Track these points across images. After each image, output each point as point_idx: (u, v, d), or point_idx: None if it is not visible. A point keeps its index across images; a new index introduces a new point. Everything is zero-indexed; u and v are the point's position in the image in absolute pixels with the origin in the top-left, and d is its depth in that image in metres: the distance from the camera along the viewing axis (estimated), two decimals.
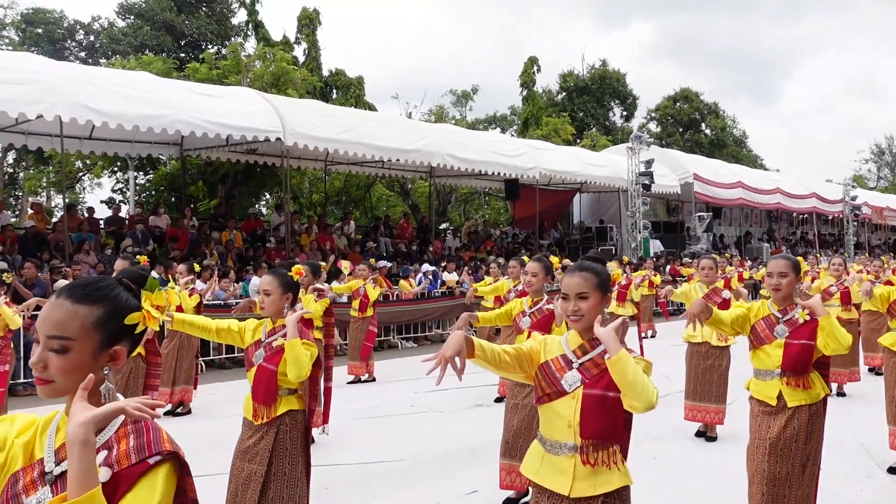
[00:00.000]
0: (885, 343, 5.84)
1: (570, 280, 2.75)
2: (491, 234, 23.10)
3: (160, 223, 15.82)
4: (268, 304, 4.05)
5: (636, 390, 2.47)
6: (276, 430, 3.85)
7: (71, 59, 27.73)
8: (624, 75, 41.23)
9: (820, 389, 4.01)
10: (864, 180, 57.83)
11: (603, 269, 2.79)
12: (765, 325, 4.08)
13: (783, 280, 4.03)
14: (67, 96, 11.11)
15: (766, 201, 29.10)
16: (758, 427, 4.02)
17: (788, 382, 3.96)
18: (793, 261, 4.08)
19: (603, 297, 2.76)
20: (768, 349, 4.04)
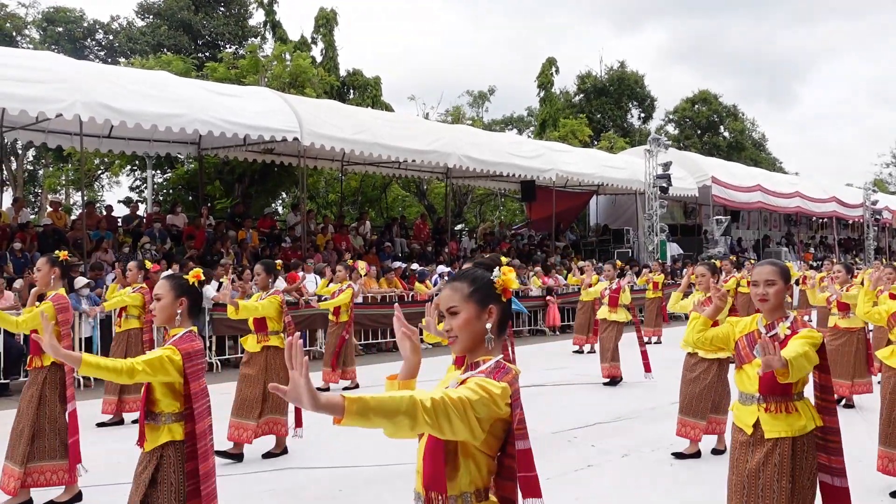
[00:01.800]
0: (882, 357, 5.54)
1: (442, 294, 2.31)
2: (507, 236, 23.05)
3: (177, 222, 15.90)
4: (158, 311, 3.62)
5: (392, 422, 1.90)
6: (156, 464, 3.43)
7: (91, 58, 27.97)
8: (642, 77, 41.01)
9: (807, 421, 3.42)
10: (885, 184, 57.22)
11: (482, 277, 2.30)
12: (747, 341, 3.61)
13: (770, 289, 3.54)
14: (87, 95, 11.19)
15: (786, 205, 28.81)
16: (736, 461, 3.56)
17: (768, 408, 3.45)
18: (781, 267, 3.60)
19: (482, 311, 2.25)
20: (748, 369, 3.56)
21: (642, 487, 5.67)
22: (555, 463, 6.30)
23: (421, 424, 1.91)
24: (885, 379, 5.51)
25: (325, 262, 15.32)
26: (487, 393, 2.04)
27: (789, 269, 3.67)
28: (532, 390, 9.67)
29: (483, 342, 2.25)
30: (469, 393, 2.02)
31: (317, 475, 5.91)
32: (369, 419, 1.86)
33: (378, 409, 1.86)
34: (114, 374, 3.22)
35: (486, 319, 2.26)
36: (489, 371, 2.15)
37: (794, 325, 3.49)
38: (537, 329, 16.93)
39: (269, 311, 6.40)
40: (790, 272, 3.62)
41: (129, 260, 13.13)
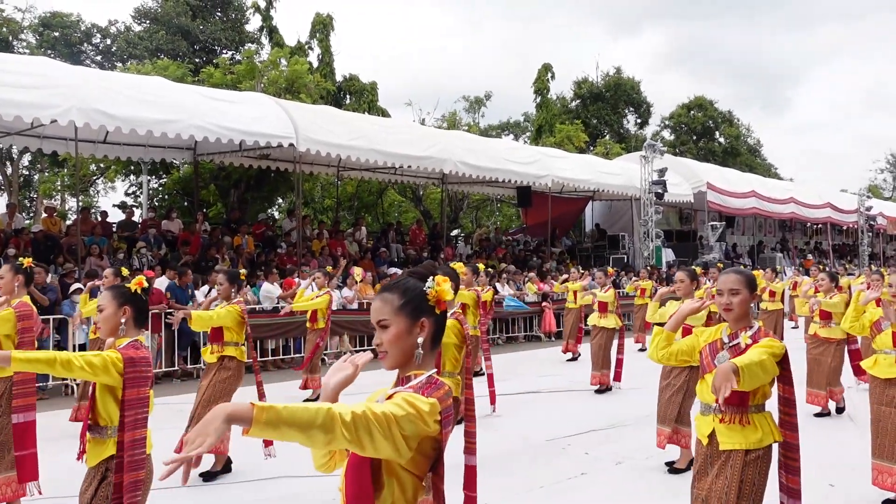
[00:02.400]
0: (866, 367, 5.46)
1: (372, 306, 2.18)
2: (502, 242, 23.06)
3: (172, 227, 15.89)
4: (101, 322, 3.50)
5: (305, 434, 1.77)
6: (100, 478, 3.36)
7: (87, 62, 27.97)
8: (638, 83, 41.14)
9: (764, 434, 3.33)
10: (880, 190, 57.42)
11: (414, 288, 2.17)
12: (709, 351, 3.56)
13: (734, 298, 3.47)
14: (82, 101, 11.18)
15: (780, 211, 28.90)
16: (697, 472, 3.49)
17: (723, 419, 3.38)
18: (746, 276, 3.53)
19: (413, 324, 2.13)
20: (709, 379, 3.47)
21: (636, 495, 5.68)
22: (548, 471, 6.31)
23: (339, 439, 1.78)
24: (871, 389, 5.45)
25: (320, 268, 15.34)
26: (415, 409, 1.92)
27: (755, 277, 3.64)
28: (526, 397, 9.68)
29: (414, 358, 2.15)
30: (395, 408, 1.90)
31: (312, 484, 5.90)
32: (280, 430, 1.73)
33: (290, 420, 1.73)
34: (46, 365, 3.13)
35: (418, 333, 2.14)
36: (419, 387, 2.05)
37: (756, 334, 3.44)
38: (533, 335, 16.94)
39: (226, 321, 6.17)
40: (755, 281, 3.57)
41: (122, 266, 13.15)
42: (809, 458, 6.41)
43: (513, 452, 6.89)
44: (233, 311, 6.22)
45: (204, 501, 5.62)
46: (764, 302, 13.17)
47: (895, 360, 5.22)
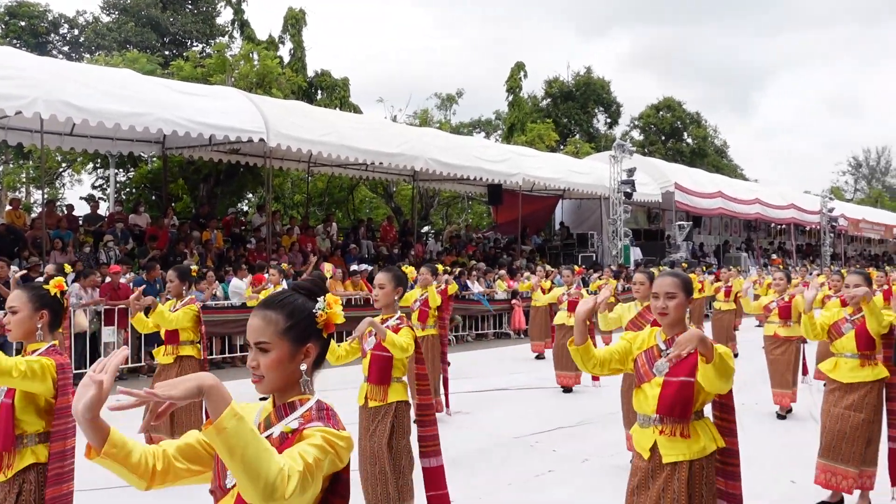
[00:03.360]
0: (825, 370, 5.34)
1: (251, 323, 1.95)
2: (473, 239, 23.14)
3: (140, 222, 15.71)
4: (14, 325, 3.26)
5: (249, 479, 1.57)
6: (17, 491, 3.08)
7: (54, 52, 27.48)
8: (608, 83, 41.49)
9: (707, 442, 3.19)
10: (842, 192, 58.59)
11: (301, 309, 1.96)
12: (646, 358, 3.34)
13: (670, 302, 3.29)
14: (48, 92, 11.01)
15: (746, 211, 29.40)
16: (635, 488, 3.29)
17: (664, 430, 3.19)
18: (682, 279, 3.34)
19: (297, 350, 1.92)
20: (647, 389, 3.29)
21: (603, 492, 5.77)
22: (516, 468, 6.38)
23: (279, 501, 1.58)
24: (829, 392, 5.31)
25: (290, 264, 15.27)
26: (334, 449, 1.78)
27: (691, 280, 3.44)
28: (495, 394, 9.76)
29: (296, 383, 1.95)
30: (318, 453, 1.73)
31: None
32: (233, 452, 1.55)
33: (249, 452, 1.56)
34: None
35: (302, 360, 1.94)
36: (322, 417, 1.87)
37: None
38: (502, 332, 17.04)
39: (183, 323, 6.06)
40: (692, 284, 3.41)
41: (88, 260, 12.99)
42: (770, 455, 6.59)
43: (481, 450, 6.95)
44: (189, 312, 6.11)
45: None
46: (718, 301, 13.13)
47: (858, 363, 5.13)
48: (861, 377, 5.10)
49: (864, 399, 5.06)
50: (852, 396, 5.09)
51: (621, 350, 3.42)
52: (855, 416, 5.05)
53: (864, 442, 5.03)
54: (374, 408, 4.63)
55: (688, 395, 3.15)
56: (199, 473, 1.98)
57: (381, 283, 4.69)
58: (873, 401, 5.06)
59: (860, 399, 5.06)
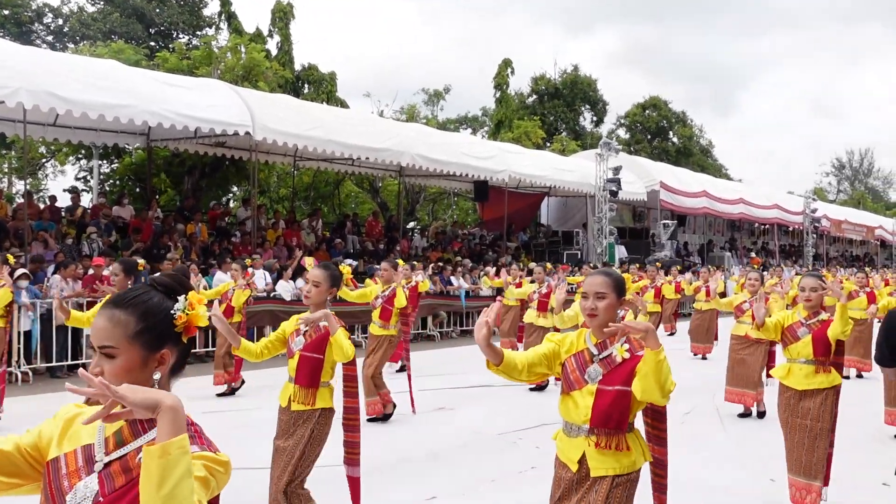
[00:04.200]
0: (778, 376, 5.09)
1: (96, 322, 1.70)
2: (459, 235, 23.16)
3: (123, 214, 15.60)
4: None
5: None
6: None
7: (38, 42, 27.17)
8: (595, 81, 41.61)
9: (637, 456, 2.99)
10: (825, 193, 59.09)
11: (157, 309, 1.70)
12: (576, 363, 3.06)
13: (600, 303, 3.01)
14: (31, 82, 10.91)
15: (730, 211, 29.61)
16: (558, 498, 3.07)
17: (598, 443, 2.94)
18: (614, 278, 3.08)
19: (150, 356, 1.68)
20: (577, 396, 3.02)
21: None
22: (498, 464, 6.40)
23: None
24: (784, 400, 5.03)
25: (275, 258, 15.22)
26: (214, 477, 1.58)
27: (624, 280, 3.19)
28: (478, 391, 9.78)
29: None
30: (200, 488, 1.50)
31: (262, 475, 5.90)
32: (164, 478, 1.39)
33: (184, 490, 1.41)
34: None
35: (155, 367, 1.69)
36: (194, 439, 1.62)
37: (631, 345, 3.01)
38: None
39: None
40: (624, 284, 3.14)
41: (70, 252, 12.89)
42: (750, 453, 6.65)
43: (464, 446, 6.97)
44: None
45: None
46: (698, 301, 13.10)
47: (813, 370, 4.91)
48: (816, 384, 4.89)
49: (821, 407, 4.85)
50: (808, 404, 4.88)
51: (548, 353, 3.13)
52: (813, 424, 4.85)
53: (823, 451, 4.82)
54: (298, 411, 4.31)
55: (624, 405, 2.92)
56: (13, 487, 1.70)
57: (315, 280, 4.33)
58: (829, 408, 4.87)
59: (817, 407, 4.85)
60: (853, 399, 8.51)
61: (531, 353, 3.10)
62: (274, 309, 12.86)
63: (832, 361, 4.92)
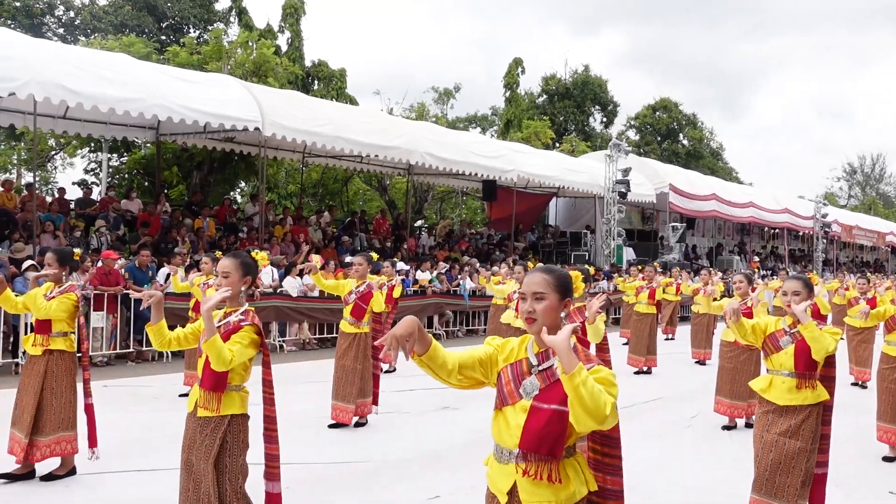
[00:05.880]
0: (758, 388, 4.63)
1: None
2: (466, 234, 23.12)
3: (132, 207, 15.63)
4: None
5: None
6: None
7: (49, 35, 27.24)
8: (606, 82, 41.49)
9: (578, 486, 2.54)
10: (836, 198, 58.81)
11: None
12: (511, 374, 2.62)
13: (539, 305, 2.56)
14: (42, 75, 10.92)
15: (740, 214, 29.47)
16: None
17: (527, 471, 2.51)
18: (556, 275, 2.62)
19: None
20: (509, 414, 2.59)
21: None
22: None
23: None
24: (763, 415, 4.58)
25: (282, 254, 15.22)
26: None
27: (571, 278, 2.71)
28: (482, 390, 9.71)
29: None
30: None
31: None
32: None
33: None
34: None
35: None
36: None
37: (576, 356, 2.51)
38: None
39: (57, 314, 5.40)
40: (570, 283, 2.65)
41: (79, 245, 12.90)
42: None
43: (466, 444, 6.93)
44: (67, 301, 5.43)
45: None
46: (696, 305, 12.83)
47: (795, 384, 4.45)
48: (799, 400, 4.42)
49: (802, 425, 4.38)
50: (788, 421, 4.42)
51: (483, 358, 2.70)
52: (791, 443, 4.36)
53: (801, 473, 4.34)
54: (204, 418, 3.79)
55: (560, 428, 2.44)
56: None
57: (225, 270, 3.88)
58: (811, 427, 4.39)
59: (797, 425, 4.39)
60: (865, 406, 8.45)
61: (465, 354, 2.68)
62: (280, 305, 12.84)
63: (822, 375, 4.46)
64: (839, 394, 5.83)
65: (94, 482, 5.45)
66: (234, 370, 3.80)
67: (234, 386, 3.84)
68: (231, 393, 3.82)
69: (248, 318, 3.85)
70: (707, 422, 8.09)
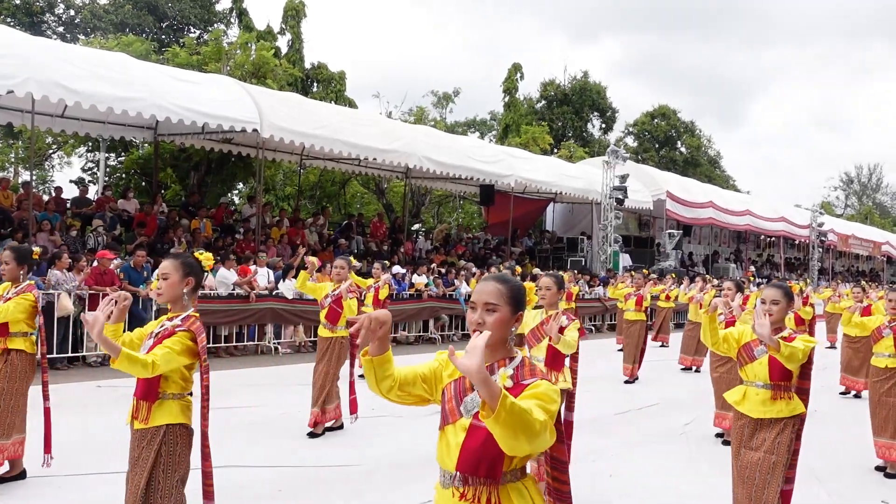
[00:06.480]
0: (732, 401, 4.47)
1: None
2: (463, 239, 23.12)
3: (129, 207, 15.60)
4: None
5: None
6: None
7: (48, 33, 27.23)
8: (605, 88, 41.57)
9: None
10: (832, 207, 58.95)
11: None
12: (454, 391, 2.41)
13: (489, 317, 2.34)
14: (41, 73, 10.92)
15: (736, 222, 29.52)
16: None
17: (465, 494, 2.30)
18: (510, 286, 2.39)
19: None
20: (450, 434, 2.38)
21: (577, 496, 5.74)
22: None
23: None
24: (738, 428, 4.41)
25: (279, 256, 15.20)
26: None
27: (525, 290, 2.50)
28: None
29: None
30: None
31: (259, 475, 5.86)
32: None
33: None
34: None
35: None
36: None
37: (519, 371, 2.35)
38: None
39: (14, 314, 5.17)
40: (524, 295, 2.45)
41: (75, 244, 12.88)
42: None
43: None
44: (24, 301, 5.23)
45: None
46: (691, 312, 12.67)
47: (770, 396, 4.29)
48: (773, 412, 4.25)
49: (777, 438, 4.21)
50: (763, 435, 4.25)
51: (427, 374, 2.51)
52: (766, 458, 4.20)
53: (777, 487, 4.16)
54: (141, 430, 3.51)
55: (498, 448, 2.14)
56: None
57: (164, 272, 3.62)
58: (787, 441, 4.22)
59: (772, 439, 4.21)
60: (856, 417, 8.46)
61: (408, 369, 2.49)
62: (276, 307, 12.82)
63: (797, 388, 4.30)
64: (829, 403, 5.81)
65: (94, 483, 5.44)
66: (168, 378, 3.52)
67: (171, 394, 3.54)
68: (166, 402, 3.53)
69: (185, 323, 3.55)
70: (701, 428, 8.08)
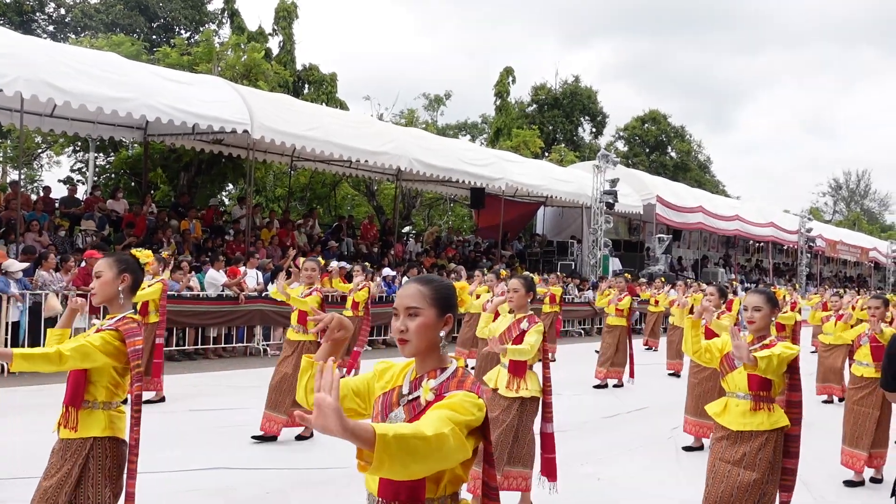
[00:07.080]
0: (713, 413, 4.23)
1: None
2: (453, 242, 23.13)
3: (118, 207, 15.54)
4: None
5: None
6: None
7: (38, 32, 27.11)
8: (595, 92, 41.70)
9: None
10: (821, 213, 59.27)
11: None
12: (382, 405, 2.22)
13: (412, 322, 2.15)
14: (30, 71, 10.88)
15: (725, 227, 29.66)
16: None
17: None
18: (434, 287, 2.20)
19: None
20: None
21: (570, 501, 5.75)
22: None
23: None
24: (716, 441, 4.17)
25: (269, 258, 15.16)
26: None
27: (453, 290, 2.27)
28: None
29: None
30: None
31: (247, 477, 5.85)
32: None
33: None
34: None
35: None
36: None
37: (447, 383, 2.12)
38: None
39: None
40: (451, 296, 2.23)
41: (64, 244, 12.82)
42: None
43: None
44: None
45: None
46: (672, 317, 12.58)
47: (750, 407, 4.04)
48: (754, 425, 4.00)
49: (758, 454, 3.95)
50: (742, 449, 3.99)
51: (360, 387, 2.31)
52: (745, 474, 3.93)
53: None
54: (66, 440, 3.24)
55: None
56: None
57: (97, 270, 3.41)
58: (768, 456, 3.96)
59: (752, 453, 3.96)
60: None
61: (343, 381, 2.28)
62: (265, 309, 12.79)
63: (788, 401, 4.07)
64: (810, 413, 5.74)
65: None
66: (96, 384, 3.27)
67: (99, 403, 3.27)
68: (94, 411, 3.26)
69: (116, 324, 3.31)
70: None
